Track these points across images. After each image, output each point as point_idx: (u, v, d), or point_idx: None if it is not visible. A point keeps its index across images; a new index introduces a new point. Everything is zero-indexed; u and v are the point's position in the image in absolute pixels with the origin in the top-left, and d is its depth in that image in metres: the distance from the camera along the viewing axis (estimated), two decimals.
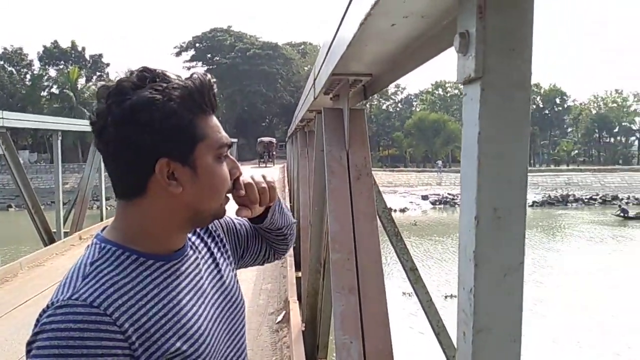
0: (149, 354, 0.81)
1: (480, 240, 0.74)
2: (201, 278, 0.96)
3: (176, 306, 0.87)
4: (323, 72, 2.03)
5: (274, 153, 36.09)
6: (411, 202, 33.40)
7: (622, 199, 37.35)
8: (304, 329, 4.23)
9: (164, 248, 0.91)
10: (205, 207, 0.91)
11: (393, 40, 1.45)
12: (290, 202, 11.15)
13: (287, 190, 14.68)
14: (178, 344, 0.85)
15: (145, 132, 0.83)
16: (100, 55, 52.18)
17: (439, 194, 36.00)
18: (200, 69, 62.34)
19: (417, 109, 61.20)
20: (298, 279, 5.61)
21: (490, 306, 0.75)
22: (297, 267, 6.22)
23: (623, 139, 65.26)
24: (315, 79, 2.50)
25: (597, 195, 38.60)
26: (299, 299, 5.07)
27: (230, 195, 0.98)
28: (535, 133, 55.28)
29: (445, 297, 12.40)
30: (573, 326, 11.49)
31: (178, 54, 62.14)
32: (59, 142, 10.22)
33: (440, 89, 62.60)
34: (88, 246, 0.91)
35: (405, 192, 35.99)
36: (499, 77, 0.72)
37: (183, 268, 0.93)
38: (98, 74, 50.85)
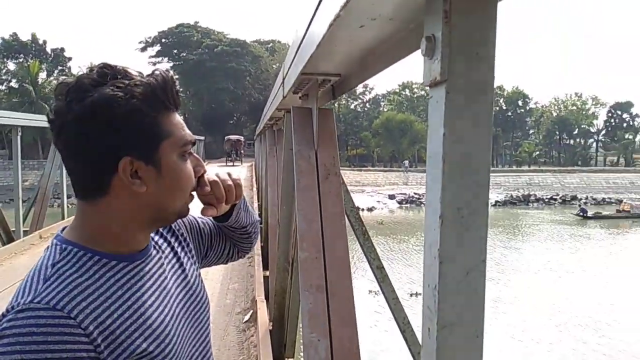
0: (115, 356, 0.80)
1: (445, 238, 0.76)
2: (165, 278, 0.95)
3: (141, 307, 0.86)
4: (292, 71, 2.03)
5: (242, 151, 35.32)
6: (378, 202, 33.77)
7: (581, 199, 38.68)
8: (271, 328, 4.23)
9: (127, 248, 0.89)
10: (169, 205, 0.90)
11: (361, 42, 1.47)
12: (259, 201, 11.10)
13: (255, 189, 14.61)
14: (144, 345, 0.84)
15: (107, 131, 0.82)
16: (62, 49, 50.60)
17: (405, 194, 36.48)
18: (166, 64, 61.35)
19: (385, 109, 61.81)
20: (266, 278, 5.60)
21: (454, 303, 0.77)
22: (265, 266, 6.20)
23: (582, 141, 67.54)
24: (284, 78, 2.51)
25: (558, 195, 39.85)
26: (267, 298, 5.06)
27: (195, 194, 0.97)
28: (498, 134, 56.65)
29: (411, 294, 12.61)
30: (531, 323, 11.84)
31: (143, 49, 60.94)
32: (19, 137, 9.90)
33: (407, 90, 63.39)
34: (47, 247, 0.88)
35: (372, 191, 36.33)
36: (463, 81, 0.75)
37: (147, 268, 0.92)
38: (60, 68, 49.29)
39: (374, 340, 9.87)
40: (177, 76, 58.12)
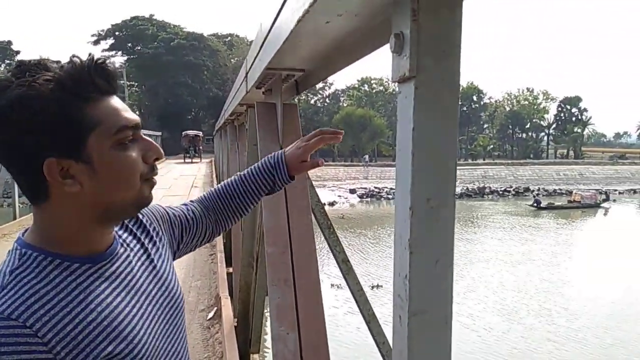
0: None
1: (415, 229, 0.79)
2: (134, 276, 0.92)
3: (106, 309, 0.83)
4: (257, 66, 2.02)
5: (201, 147, 34.37)
6: (339, 196, 33.98)
7: (533, 191, 40.10)
8: (236, 324, 4.21)
9: (87, 250, 0.85)
10: (115, 199, 0.84)
11: (327, 37, 1.48)
12: None
13: (215, 184, 14.45)
14: (110, 348, 0.81)
15: (24, 133, 0.76)
16: (10, 42, 48.45)
17: (365, 188, 36.85)
18: (120, 58, 59.58)
19: (344, 104, 62.18)
20: (229, 274, 5.56)
21: (424, 291, 0.80)
22: (228, 263, 6.15)
23: (534, 135, 70.02)
24: (247, 73, 2.49)
25: (511, 187, 41.18)
26: (231, 294, 5.02)
27: (156, 179, 0.90)
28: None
29: (372, 287, 12.80)
30: (483, 311, 12.26)
31: (96, 42, 58.99)
32: None
33: (365, 85, 63.97)
34: (9, 252, 0.85)
35: (333, 186, 36.52)
36: (431, 77, 0.77)
37: (113, 268, 0.88)
38: (7, 61, 47.15)
39: (339, 333, 9.97)
40: (132, 70, 56.65)
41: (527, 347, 10.61)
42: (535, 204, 32.22)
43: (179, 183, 17.06)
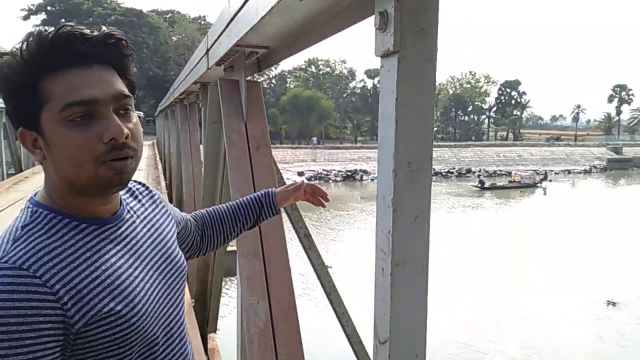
0: (82, 314, 0.82)
1: (397, 190, 0.88)
2: (138, 242, 0.97)
3: (109, 269, 0.88)
4: (223, 43, 2.04)
5: (142, 129, 34.44)
6: (288, 179, 33.68)
7: (475, 172, 41.72)
8: (193, 303, 4.23)
9: (92, 213, 0.89)
10: (71, 177, 0.85)
11: (295, 16, 1.52)
12: (166, 180, 10.76)
13: (160, 167, 14.08)
14: (111, 305, 0.85)
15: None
16: None
17: (314, 170, 37.12)
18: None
19: (291, 86, 61.84)
20: None
21: (405, 244, 0.89)
22: None
23: (475, 117, 72.43)
24: (208, 49, 2.50)
25: (454, 168, 42.61)
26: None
27: (123, 162, 0.86)
28: None
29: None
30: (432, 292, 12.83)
31: (26, 17, 55.61)
32: None
33: (312, 67, 63.81)
34: (21, 210, 0.89)
35: (282, 168, 36.36)
36: (412, 52, 0.86)
37: (119, 232, 0.93)
38: None
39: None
40: None
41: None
42: (479, 185, 33.65)
43: None
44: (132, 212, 1.00)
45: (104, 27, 0.87)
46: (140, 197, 1.05)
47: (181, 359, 1.05)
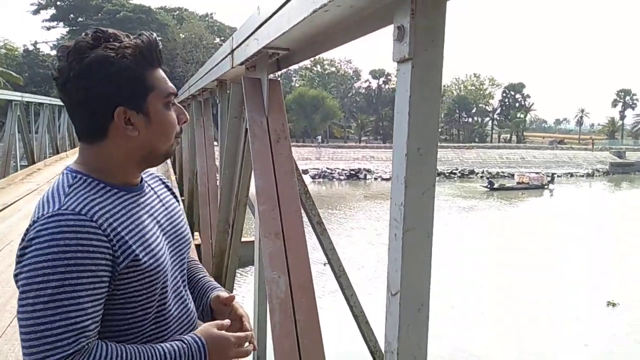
0: (124, 257, 1.00)
1: (409, 170, 1.09)
2: (155, 210, 1.16)
3: (139, 225, 1.06)
4: (251, 46, 2.26)
5: None
6: None
7: (478, 173, 41.83)
8: None
9: (123, 182, 1.10)
10: (158, 147, 1.10)
11: (320, 22, 1.72)
12: (175, 175, 11.00)
13: (169, 162, 14.33)
14: (141, 255, 1.04)
15: (103, 85, 1.01)
16: None
17: (318, 168, 37.31)
18: (61, 30, 56.65)
19: (297, 85, 61.99)
20: (197, 245, 5.74)
21: (414, 214, 1.11)
22: (194, 237, 6.33)
23: (479, 119, 72.38)
24: (233, 50, 2.71)
25: (457, 169, 42.72)
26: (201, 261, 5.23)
27: (180, 140, 1.19)
28: None
29: (324, 264, 13.20)
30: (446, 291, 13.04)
31: (36, 11, 55.92)
32: None
33: (318, 66, 63.95)
34: (59, 175, 1.08)
35: None
36: (423, 59, 1.07)
37: (142, 200, 1.13)
38: None
39: None
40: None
41: None
42: (488, 186, 33.86)
43: None
44: (149, 187, 1.20)
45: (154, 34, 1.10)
46: (156, 178, 1.29)
47: (186, 314, 1.21)
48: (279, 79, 2.65)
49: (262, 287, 2.40)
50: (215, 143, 4.99)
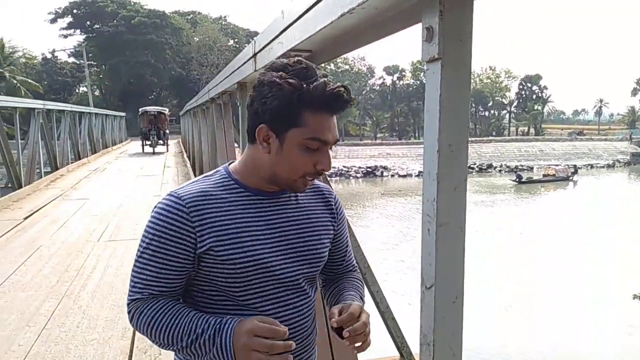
0: (202, 244, 1.13)
1: (440, 166, 1.12)
2: (280, 217, 1.22)
3: (237, 222, 1.16)
4: (274, 49, 2.30)
5: (168, 131, 23.54)
6: None
7: (496, 167, 41.40)
8: None
9: (258, 188, 1.21)
10: (280, 174, 1.17)
11: (343, 24, 1.75)
12: (195, 177, 11.12)
13: (188, 165, 14.51)
14: (218, 247, 1.13)
15: (260, 102, 1.14)
16: None
17: (334, 167, 37.26)
18: (78, 37, 57.53)
19: None
20: None
21: (446, 209, 1.14)
22: None
23: (496, 113, 71.58)
24: (255, 54, 2.76)
25: (475, 164, 42.34)
26: None
27: (310, 179, 1.20)
28: (420, 108, 58.84)
29: None
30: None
31: (53, 20, 56.95)
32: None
33: (332, 65, 63.87)
34: (218, 168, 1.28)
35: None
36: (452, 58, 1.10)
37: (265, 203, 1.21)
38: None
39: None
40: (92, 49, 54.86)
41: None
42: (517, 179, 33.79)
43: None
44: (295, 199, 1.27)
45: (343, 89, 1.15)
46: (318, 194, 1.34)
47: (291, 322, 1.20)
48: None
49: None
50: (236, 145, 5.05)
